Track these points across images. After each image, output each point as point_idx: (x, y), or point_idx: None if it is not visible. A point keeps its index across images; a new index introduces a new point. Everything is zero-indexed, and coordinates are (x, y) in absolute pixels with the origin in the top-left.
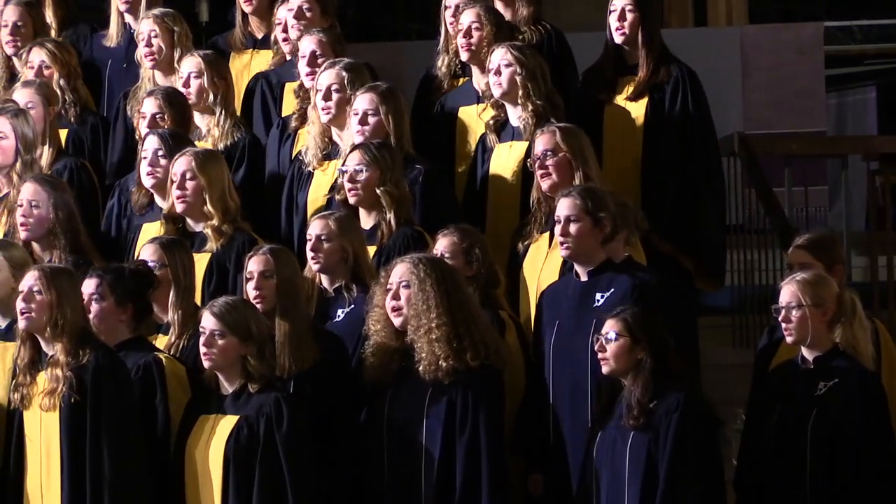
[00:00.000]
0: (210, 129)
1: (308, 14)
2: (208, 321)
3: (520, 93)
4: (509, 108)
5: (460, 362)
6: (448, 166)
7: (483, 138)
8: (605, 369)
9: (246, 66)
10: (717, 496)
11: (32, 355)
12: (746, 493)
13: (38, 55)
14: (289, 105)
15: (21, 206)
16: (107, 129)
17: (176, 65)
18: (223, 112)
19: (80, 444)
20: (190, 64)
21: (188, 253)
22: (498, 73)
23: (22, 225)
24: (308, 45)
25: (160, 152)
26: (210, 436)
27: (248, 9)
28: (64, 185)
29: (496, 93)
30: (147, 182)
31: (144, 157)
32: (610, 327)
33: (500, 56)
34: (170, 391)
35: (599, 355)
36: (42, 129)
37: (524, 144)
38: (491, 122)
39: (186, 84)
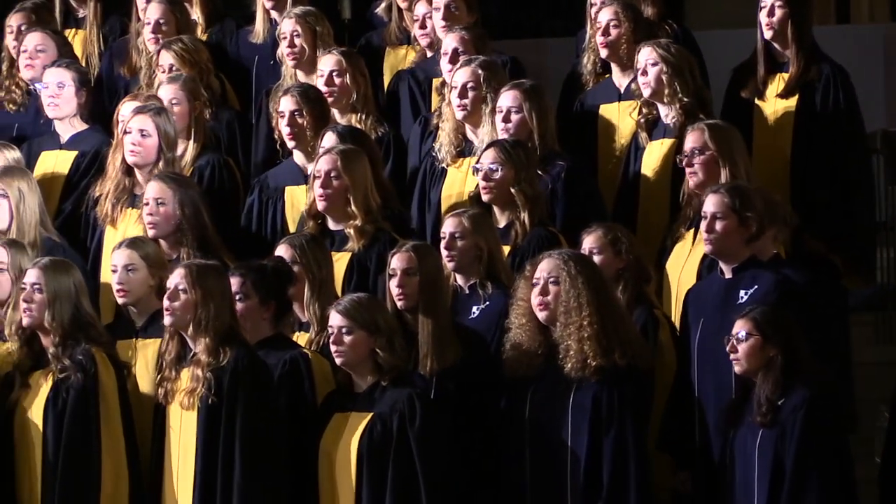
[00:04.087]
0: None
1: (456, 12)
2: (335, 319)
3: (666, 91)
4: (660, 106)
5: (608, 361)
6: (591, 164)
7: (635, 136)
8: (737, 369)
9: (401, 62)
10: (847, 496)
11: (179, 351)
12: (890, 490)
13: (166, 58)
14: (435, 100)
15: (147, 204)
16: (243, 125)
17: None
18: (364, 109)
19: (213, 446)
20: (330, 62)
21: (322, 249)
22: (644, 72)
23: (149, 223)
24: (450, 42)
25: None
26: (344, 433)
27: (403, 5)
28: (190, 181)
29: (645, 93)
30: None
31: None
32: (740, 327)
33: (646, 55)
34: (317, 386)
35: (731, 356)
36: (187, 125)
37: (674, 141)
38: (642, 120)
39: (328, 82)
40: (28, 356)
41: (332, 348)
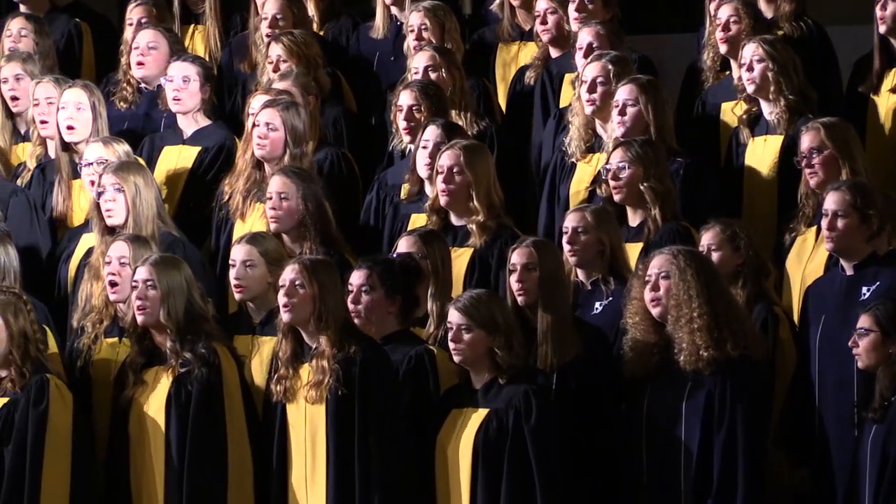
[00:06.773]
0: None
1: (590, 6)
2: (454, 316)
3: (771, 88)
4: (762, 102)
5: (721, 352)
6: (715, 161)
7: (736, 132)
8: (859, 363)
9: (513, 58)
10: None
11: (295, 348)
12: None
13: (274, 49)
14: (566, 96)
15: (270, 198)
16: (349, 121)
17: None
18: (462, 103)
19: (347, 438)
20: (424, 58)
21: (445, 245)
22: (750, 68)
23: (271, 217)
24: (585, 36)
25: (442, 146)
26: (460, 429)
27: (515, 2)
28: (313, 176)
29: (749, 89)
30: (423, 172)
31: (424, 147)
32: (862, 322)
33: (751, 51)
34: (442, 382)
35: (854, 350)
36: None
37: (779, 139)
38: (744, 116)
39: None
40: (140, 354)
41: (451, 345)
